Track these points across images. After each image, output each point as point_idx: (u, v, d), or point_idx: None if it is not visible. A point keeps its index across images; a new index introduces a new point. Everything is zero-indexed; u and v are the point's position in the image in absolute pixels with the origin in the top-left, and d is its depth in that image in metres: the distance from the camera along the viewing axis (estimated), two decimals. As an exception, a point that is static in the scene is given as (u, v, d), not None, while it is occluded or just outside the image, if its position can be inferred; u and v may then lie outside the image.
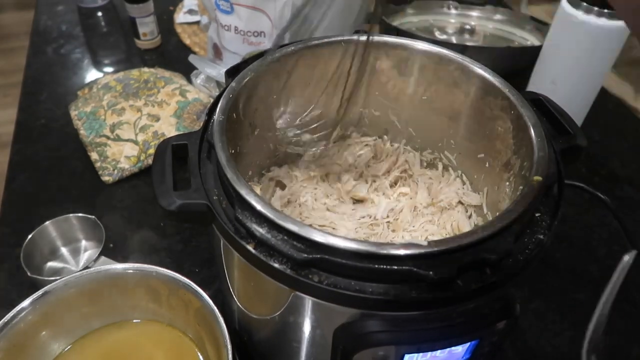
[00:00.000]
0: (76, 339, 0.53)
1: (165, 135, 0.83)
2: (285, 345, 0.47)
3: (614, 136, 0.96)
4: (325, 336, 0.41)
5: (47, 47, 1.12)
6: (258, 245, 0.38)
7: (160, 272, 0.50)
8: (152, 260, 0.69)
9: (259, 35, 0.89)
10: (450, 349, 0.39)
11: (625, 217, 0.62)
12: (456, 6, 1.17)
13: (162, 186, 0.42)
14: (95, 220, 0.70)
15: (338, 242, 0.35)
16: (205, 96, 0.90)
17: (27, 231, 0.67)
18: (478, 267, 0.36)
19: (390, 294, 0.35)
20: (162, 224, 0.74)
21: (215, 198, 0.42)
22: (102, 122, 0.84)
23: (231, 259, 0.43)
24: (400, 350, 0.38)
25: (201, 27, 1.17)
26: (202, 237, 0.72)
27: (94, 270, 0.51)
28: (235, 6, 0.87)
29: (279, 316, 0.43)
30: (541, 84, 0.87)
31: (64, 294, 0.50)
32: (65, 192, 0.79)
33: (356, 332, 0.37)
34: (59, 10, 1.25)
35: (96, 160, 0.81)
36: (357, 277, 0.36)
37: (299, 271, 0.36)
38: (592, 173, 0.87)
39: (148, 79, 0.92)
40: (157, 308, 0.54)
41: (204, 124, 0.48)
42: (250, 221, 0.37)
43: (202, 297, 0.48)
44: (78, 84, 1.01)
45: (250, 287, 0.45)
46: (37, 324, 0.49)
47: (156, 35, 1.11)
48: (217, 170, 0.43)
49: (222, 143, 0.43)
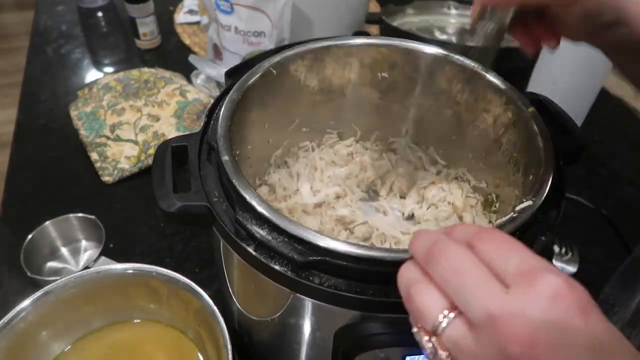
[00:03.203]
0: (76, 339, 0.53)
1: (165, 136, 0.83)
2: (286, 347, 0.47)
3: (614, 136, 0.96)
4: (325, 338, 0.41)
5: (47, 47, 1.12)
6: (258, 247, 0.37)
7: (160, 272, 0.50)
8: (152, 260, 0.69)
9: (259, 35, 0.89)
10: (450, 350, 0.39)
11: (624, 218, 0.62)
12: (456, 6, 1.17)
13: (161, 188, 0.42)
14: (95, 220, 0.70)
15: (338, 245, 0.35)
16: (205, 96, 0.90)
17: (27, 231, 0.67)
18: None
19: (392, 295, 0.35)
20: (161, 224, 0.74)
21: (216, 200, 0.42)
22: (102, 122, 0.84)
23: (231, 261, 0.43)
24: (401, 352, 0.38)
25: (201, 27, 1.16)
26: (202, 237, 0.72)
27: (94, 270, 0.51)
28: (235, 6, 0.86)
29: (279, 318, 0.43)
30: (541, 84, 0.87)
31: (64, 294, 0.50)
32: (65, 192, 0.79)
33: (357, 334, 0.37)
34: (59, 10, 1.24)
35: (96, 160, 0.81)
36: (358, 279, 0.36)
37: (300, 273, 0.36)
38: (592, 173, 0.87)
39: (148, 79, 0.92)
40: (157, 308, 0.53)
41: (204, 125, 0.48)
42: (250, 223, 0.37)
43: (202, 297, 0.48)
44: (78, 84, 1.01)
45: (250, 288, 0.45)
46: (37, 324, 0.49)
47: (156, 35, 1.11)
48: (218, 171, 0.43)
49: (225, 145, 0.43)
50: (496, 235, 0.27)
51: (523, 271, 0.25)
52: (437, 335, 0.26)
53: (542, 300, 0.23)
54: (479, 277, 0.25)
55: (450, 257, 0.27)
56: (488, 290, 0.24)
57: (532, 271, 0.24)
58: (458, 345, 0.25)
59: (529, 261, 0.25)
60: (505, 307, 0.24)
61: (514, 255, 0.26)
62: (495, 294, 0.24)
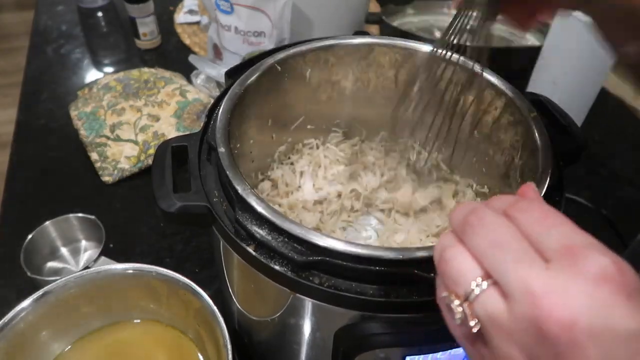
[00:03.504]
0: (76, 339, 0.53)
1: (165, 136, 0.83)
2: (286, 347, 0.47)
3: (614, 136, 0.96)
4: (325, 338, 0.41)
5: (47, 47, 1.12)
6: (258, 247, 0.37)
7: (160, 272, 0.50)
8: (152, 260, 0.69)
9: (259, 35, 0.89)
10: (451, 350, 0.39)
11: (624, 218, 0.62)
12: (456, 6, 1.17)
13: (161, 188, 0.42)
14: (95, 220, 0.70)
15: (338, 244, 0.35)
16: (205, 96, 0.90)
17: (27, 231, 0.67)
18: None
19: (392, 296, 0.35)
20: (161, 224, 0.74)
21: (216, 200, 0.42)
22: (102, 122, 0.84)
23: (231, 261, 0.43)
24: (401, 352, 0.38)
25: (201, 27, 1.16)
26: (202, 237, 0.72)
27: (94, 270, 0.51)
28: (235, 6, 0.86)
29: (279, 318, 0.43)
30: (541, 84, 0.87)
31: (64, 294, 0.50)
32: (65, 192, 0.79)
33: (357, 334, 0.37)
34: (59, 10, 1.24)
35: (96, 160, 0.81)
36: (358, 279, 0.36)
37: (300, 273, 0.36)
38: (592, 173, 0.87)
39: (148, 79, 0.92)
40: (157, 308, 0.53)
41: (204, 125, 0.48)
42: (250, 223, 0.37)
43: (202, 297, 0.48)
44: (78, 84, 1.01)
45: (250, 288, 0.45)
46: (37, 324, 0.49)
47: (156, 35, 1.11)
48: (218, 171, 0.43)
49: (225, 144, 0.43)
50: (536, 206, 0.26)
51: (566, 246, 0.23)
52: (469, 302, 0.25)
53: (586, 280, 0.22)
54: (517, 250, 0.24)
55: (488, 227, 0.25)
56: (527, 264, 0.23)
57: (577, 248, 0.23)
58: (490, 315, 0.24)
59: (573, 236, 0.24)
60: (546, 283, 0.22)
61: (556, 228, 0.24)
62: (535, 268, 0.23)
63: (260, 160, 0.59)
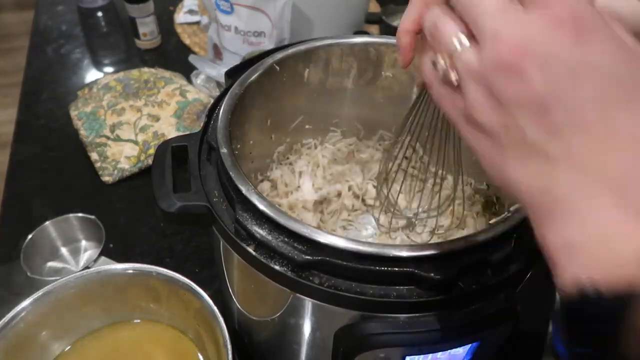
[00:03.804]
0: (76, 339, 0.53)
1: (165, 136, 0.83)
2: (286, 347, 0.47)
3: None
4: (325, 338, 0.41)
5: (47, 47, 1.12)
6: (258, 247, 0.37)
7: (160, 272, 0.50)
8: (152, 260, 0.69)
9: (259, 35, 0.89)
10: (451, 350, 0.39)
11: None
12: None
13: (161, 188, 0.42)
14: (95, 220, 0.70)
15: (339, 243, 0.35)
16: (205, 96, 0.90)
17: (27, 231, 0.67)
18: (479, 268, 0.36)
19: (392, 295, 0.35)
20: (161, 224, 0.74)
21: (216, 200, 0.41)
22: (102, 122, 0.84)
23: (231, 261, 0.43)
24: (401, 352, 0.38)
25: (201, 27, 1.16)
26: (202, 237, 0.72)
27: (94, 270, 0.51)
28: (235, 6, 0.86)
29: (279, 318, 0.43)
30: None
31: (64, 294, 0.50)
32: (65, 192, 0.79)
33: (357, 334, 0.37)
34: (59, 10, 1.24)
35: (96, 160, 0.81)
36: (357, 279, 0.36)
37: (300, 273, 0.36)
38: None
39: (148, 79, 0.92)
40: (157, 308, 0.53)
41: (204, 125, 0.47)
42: (250, 223, 0.37)
43: (202, 297, 0.48)
44: (78, 84, 1.01)
45: (250, 288, 0.45)
46: (37, 324, 0.49)
47: (156, 35, 1.11)
48: (218, 171, 0.43)
49: (226, 145, 0.43)
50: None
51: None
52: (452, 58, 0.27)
53: (547, 19, 0.23)
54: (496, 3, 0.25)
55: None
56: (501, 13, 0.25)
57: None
58: (466, 66, 0.26)
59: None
60: (511, 24, 0.24)
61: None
62: (507, 15, 0.24)
63: (259, 160, 0.59)
